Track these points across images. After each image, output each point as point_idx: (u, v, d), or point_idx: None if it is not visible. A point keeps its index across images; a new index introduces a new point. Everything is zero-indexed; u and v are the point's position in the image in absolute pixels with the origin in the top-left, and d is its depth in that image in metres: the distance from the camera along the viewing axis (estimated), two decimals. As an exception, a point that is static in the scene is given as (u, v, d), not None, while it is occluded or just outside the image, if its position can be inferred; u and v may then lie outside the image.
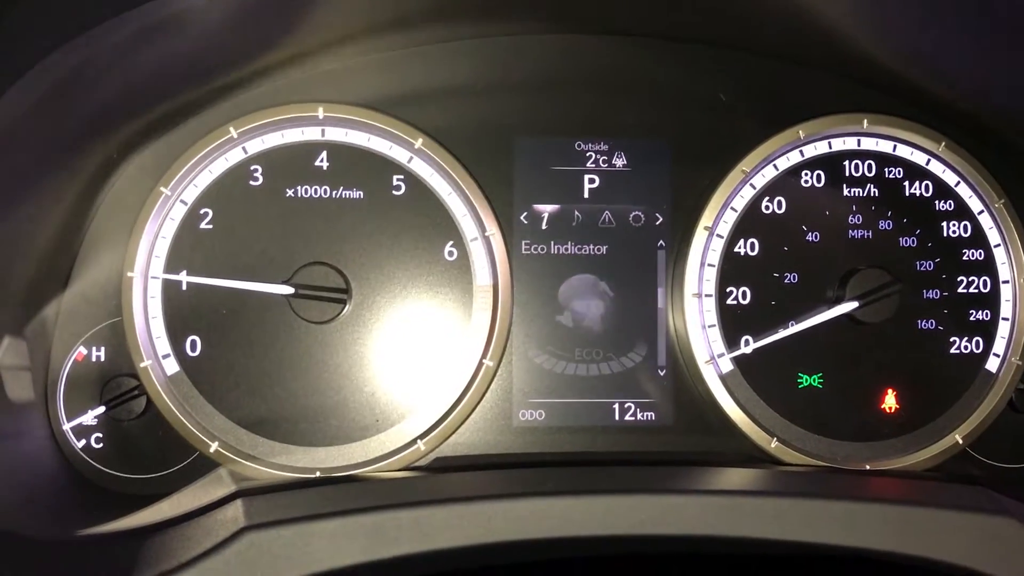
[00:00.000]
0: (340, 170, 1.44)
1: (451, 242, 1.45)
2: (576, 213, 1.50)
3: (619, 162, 1.50)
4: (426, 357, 1.45)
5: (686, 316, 1.47)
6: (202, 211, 1.42)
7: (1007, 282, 1.52)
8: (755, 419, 1.47)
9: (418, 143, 1.44)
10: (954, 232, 1.52)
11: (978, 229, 1.53)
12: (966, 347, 1.52)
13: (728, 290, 1.49)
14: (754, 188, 1.50)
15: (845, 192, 1.51)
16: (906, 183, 1.53)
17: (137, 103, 1.32)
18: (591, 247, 1.49)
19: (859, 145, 1.53)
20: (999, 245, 1.53)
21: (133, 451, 1.41)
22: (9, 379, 1.28)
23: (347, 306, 1.43)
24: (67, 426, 1.40)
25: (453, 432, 1.44)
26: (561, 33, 1.51)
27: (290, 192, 1.43)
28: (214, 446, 1.39)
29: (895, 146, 1.53)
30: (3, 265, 1.23)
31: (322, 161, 1.44)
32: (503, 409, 1.47)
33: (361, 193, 1.44)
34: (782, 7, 1.35)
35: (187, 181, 1.41)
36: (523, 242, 1.49)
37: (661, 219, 1.51)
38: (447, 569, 1.09)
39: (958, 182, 1.53)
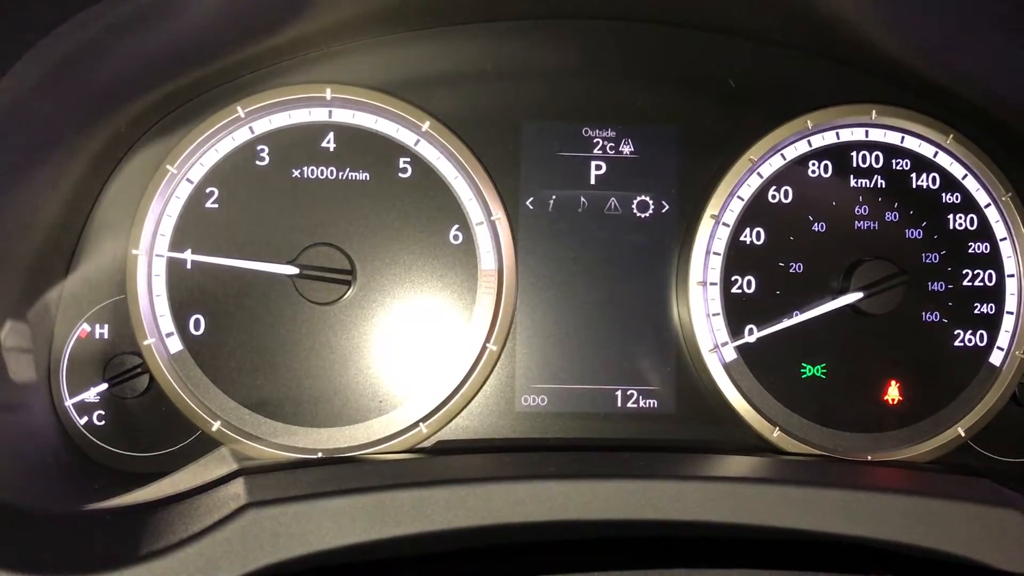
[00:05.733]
0: (347, 152, 1.44)
1: (456, 226, 1.45)
2: (582, 199, 1.50)
3: (626, 149, 1.50)
4: (430, 340, 1.45)
5: (690, 304, 1.47)
6: (208, 190, 1.42)
7: (1012, 276, 1.52)
8: (757, 408, 1.47)
9: (425, 126, 1.44)
10: (960, 225, 1.52)
11: (984, 222, 1.52)
12: (970, 340, 1.51)
13: (733, 279, 1.49)
14: (761, 177, 1.50)
15: (852, 183, 1.51)
16: (913, 175, 1.52)
17: (144, 81, 1.32)
18: (596, 233, 1.49)
19: (867, 136, 1.52)
20: (1005, 239, 1.52)
21: (135, 429, 1.42)
22: (11, 354, 1.28)
23: (351, 288, 1.42)
24: (69, 402, 1.40)
25: (455, 416, 1.45)
26: (570, 18, 1.50)
27: (296, 173, 1.43)
28: (216, 425, 1.39)
29: (903, 138, 1.53)
30: (10, 240, 1.23)
31: (329, 142, 1.44)
32: (506, 394, 1.47)
33: (367, 175, 1.44)
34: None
35: (193, 160, 1.41)
36: (528, 227, 1.48)
37: (667, 206, 1.50)
38: (444, 550, 1.09)
39: (965, 175, 1.53)
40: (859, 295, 1.46)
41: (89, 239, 1.41)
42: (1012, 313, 1.52)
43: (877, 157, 1.52)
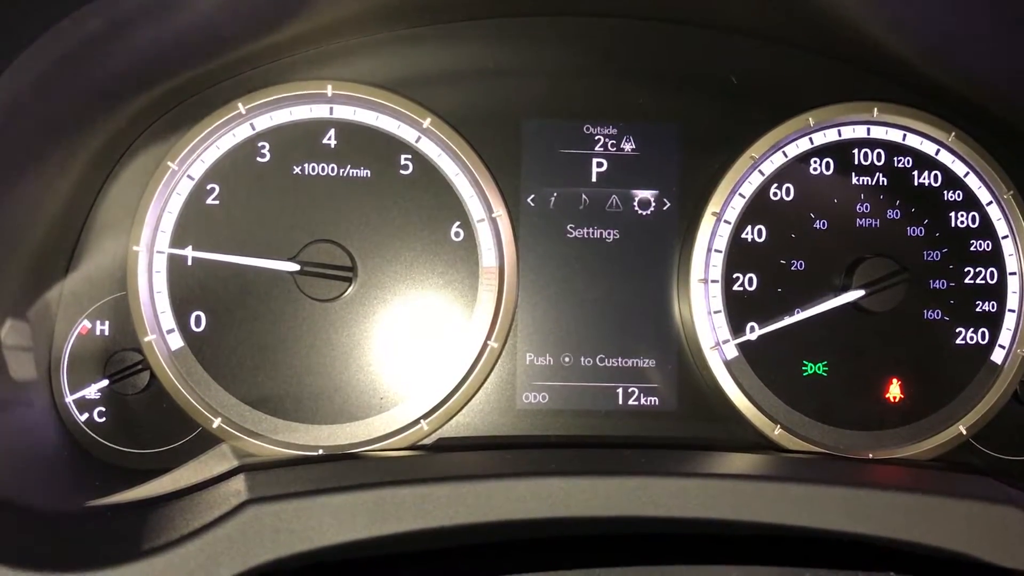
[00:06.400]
0: (348, 148, 1.44)
1: (458, 223, 1.45)
2: (583, 196, 1.49)
3: (628, 146, 1.50)
4: (431, 337, 1.45)
5: (692, 302, 1.47)
6: (209, 187, 1.42)
7: (1014, 274, 1.52)
8: (759, 406, 1.47)
9: (426, 123, 1.44)
10: (962, 222, 1.52)
11: (986, 220, 1.52)
12: (972, 338, 1.51)
13: (734, 276, 1.48)
14: (763, 174, 1.50)
15: (854, 180, 1.51)
16: (915, 172, 1.52)
17: (146, 77, 1.32)
18: (598, 231, 1.49)
19: (868, 134, 1.52)
20: (1007, 236, 1.52)
21: (136, 425, 1.42)
22: (12, 351, 1.28)
23: (352, 285, 1.42)
24: (70, 399, 1.40)
25: (456, 413, 1.44)
26: (572, 16, 1.50)
27: (297, 169, 1.43)
28: (217, 422, 1.39)
29: (904, 135, 1.53)
30: (10, 236, 1.22)
31: (330, 139, 1.44)
32: (507, 391, 1.47)
33: (368, 172, 1.44)
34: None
35: (194, 156, 1.41)
36: (530, 224, 1.48)
37: (669, 204, 1.50)
38: (445, 547, 1.09)
39: (967, 172, 1.53)
40: (861, 293, 1.46)
41: (90, 236, 1.41)
42: (1014, 311, 1.52)
43: (879, 155, 1.52)
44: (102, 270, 1.41)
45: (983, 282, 1.52)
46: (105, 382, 1.39)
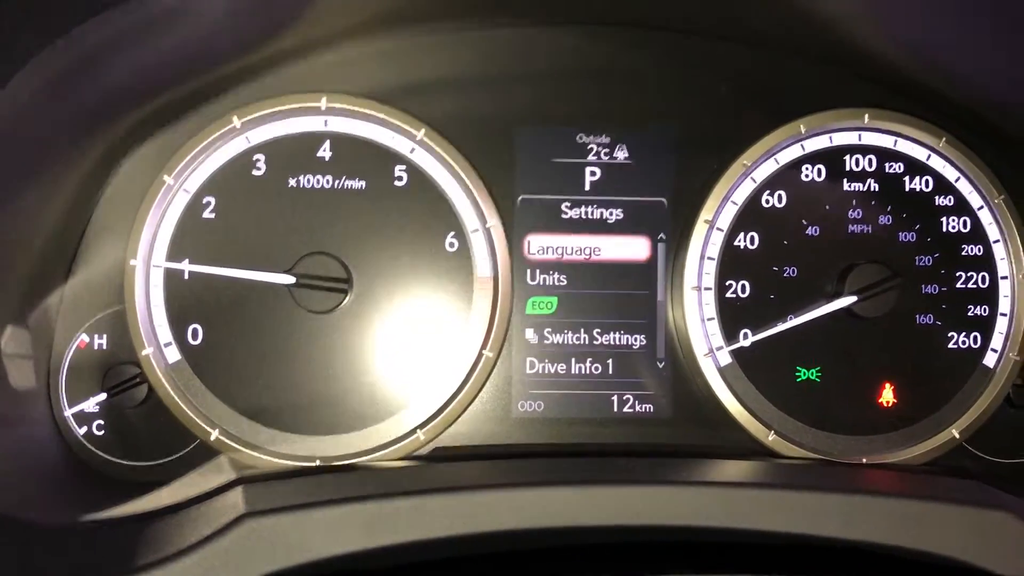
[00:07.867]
0: (342, 160, 1.45)
1: (452, 233, 1.46)
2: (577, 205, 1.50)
3: (620, 155, 1.51)
4: (426, 347, 1.45)
5: (685, 309, 1.48)
6: (205, 200, 1.42)
7: (1005, 278, 1.52)
8: (753, 412, 1.48)
9: (420, 134, 1.45)
10: (953, 227, 1.53)
11: (977, 225, 1.53)
12: (964, 342, 1.52)
13: (727, 283, 1.49)
14: (755, 182, 1.50)
15: (845, 187, 1.51)
16: (906, 178, 1.53)
17: (141, 92, 1.32)
18: (592, 239, 1.50)
19: (860, 140, 1.53)
20: (998, 241, 1.53)
21: (134, 438, 1.42)
22: (11, 365, 1.28)
23: (348, 296, 1.43)
24: (68, 412, 1.40)
25: (452, 422, 1.45)
26: (564, 25, 1.51)
27: (292, 182, 1.44)
28: (215, 434, 1.40)
29: (896, 141, 1.53)
30: (7, 252, 1.23)
31: (324, 151, 1.45)
32: (502, 400, 1.48)
33: (363, 183, 1.45)
34: (786, 1, 1.35)
35: (190, 170, 1.42)
36: (524, 233, 1.49)
37: (661, 212, 1.51)
38: (442, 558, 1.09)
39: (958, 177, 1.53)
40: (853, 299, 1.46)
41: (87, 250, 1.42)
42: (1006, 315, 1.52)
43: (870, 160, 1.52)
44: (99, 284, 1.42)
45: (975, 286, 1.52)
46: (103, 395, 1.40)
